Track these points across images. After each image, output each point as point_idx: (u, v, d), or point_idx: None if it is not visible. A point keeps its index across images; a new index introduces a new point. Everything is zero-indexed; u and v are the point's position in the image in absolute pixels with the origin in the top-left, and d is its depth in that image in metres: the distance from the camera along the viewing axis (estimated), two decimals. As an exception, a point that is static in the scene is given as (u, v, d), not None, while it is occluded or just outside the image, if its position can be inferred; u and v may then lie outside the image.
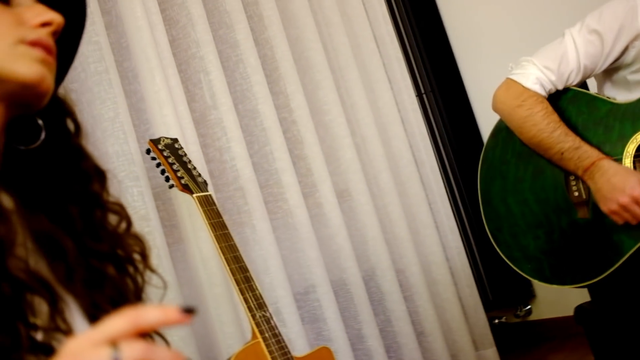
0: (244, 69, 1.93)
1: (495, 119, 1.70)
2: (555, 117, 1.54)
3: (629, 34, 1.50)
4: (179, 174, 1.43)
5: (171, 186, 1.45)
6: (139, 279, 0.77)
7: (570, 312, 2.43)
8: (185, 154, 1.49)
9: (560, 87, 1.58)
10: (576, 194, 1.52)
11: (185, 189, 1.42)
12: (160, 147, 1.46)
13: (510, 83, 1.61)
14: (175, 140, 1.51)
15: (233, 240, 1.38)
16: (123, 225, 0.78)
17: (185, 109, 1.70)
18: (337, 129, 2.12)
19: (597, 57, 1.54)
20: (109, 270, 0.73)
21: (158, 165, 1.46)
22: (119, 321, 0.49)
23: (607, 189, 1.43)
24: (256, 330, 1.30)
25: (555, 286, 1.53)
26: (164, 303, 0.59)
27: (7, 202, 0.67)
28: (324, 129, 2.12)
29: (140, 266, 0.77)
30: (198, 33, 1.82)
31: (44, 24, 0.70)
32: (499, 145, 1.66)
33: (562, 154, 1.50)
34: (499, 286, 2.62)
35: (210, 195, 1.42)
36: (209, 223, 1.36)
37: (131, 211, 1.00)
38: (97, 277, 0.71)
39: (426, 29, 2.70)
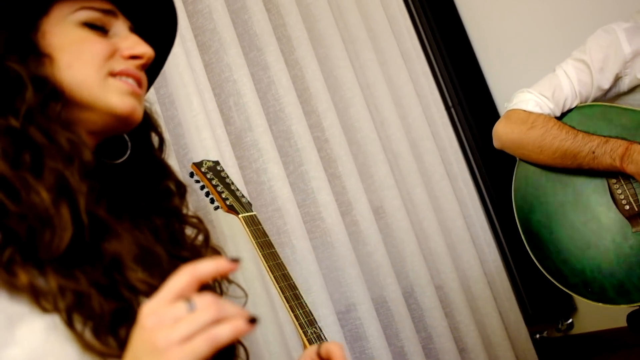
0: (276, 91, 2.01)
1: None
2: (570, 127, 1.60)
3: (615, 64, 1.61)
4: (223, 196, 1.51)
5: (216, 208, 1.52)
6: (218, 290, 0.86)
7: (614, 325, 2.47)
8: (228, 176, 1.57)
9: (558, 114, 1.65)
10: (627, 207, 1.53)
11: (231, 209, 1.49)
12: (203, 170, 1.55)
13: (510, 113, 1.69)
14: (217, 163, 1.59)
15: (280, 259, 1.45)
16: (200, 237, 0.87)
17: (223, 132, 1.78)
18: (370, 145, 2.19)
19: (588, 84, 1.64)
20: None
21: (202, 188, 1.54)
22: (182, 277, 0.59)
23: None
24: (309, 346, 1.37)
25: (623, 306, 1.52)
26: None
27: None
28: (356, 146, 2.20)
29: (219, 277, 0.86)
30: (230, 57, 1.91)
31: (135, 57, 0.79)
32: (530, 172, 1.68)
33: (594, 152, 1.54)
34: (538, 300, 2.66)
35: (255, 215, 1.50)
36: (256, 242, 1.44)
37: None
38: None
39: (451, 42, 2.78)
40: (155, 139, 0.89)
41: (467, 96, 2.75)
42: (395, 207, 2.19)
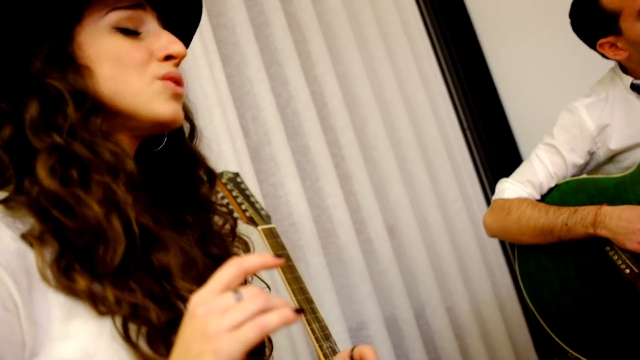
0: (295, 106, 2.05)
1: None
2: (542, 204, 1.69)
3: (583, 142, 1.70)
4: (243, 207, 1.54)
5: (235, 219, 1.55)
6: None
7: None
8: (247, 188, 1.60)
9: (538, 197, 1.73)
10: (627, 271, 1.58)
11: (250, 221, 1.52)
12: (223, 180, 1.57)
13: (492, 204, 1.79)
14: (237, 175, 1.62)
15: (298, 272, 1.47)
16: (227, 226, 0.89)
17: (243, 145, 1.82)
18: (386, 164, 2.22)
19: (561, 164, 1.72)
20: None
21: (222, 198, 1.57)
22: (230, 269, 0.62)
23: (623, 226, 1.53)
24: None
25: None
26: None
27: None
28: (372, 164, 2.23)
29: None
30: (251, 71, 1.95)
31: (170, 56, 0.81)
32: (530, 256, 1.75)
33: (566, 224, 1.61)
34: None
35: (274, 227, 1.52)
36: (274, 255, 1.46)
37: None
38: None
39: (468, 64, 2.82)
40: (186, 127, 0.90)
41: (483, 119, 2.79)
42: (409, 226, 2.21)
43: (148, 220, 0.74)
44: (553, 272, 1.70)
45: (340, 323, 1.84)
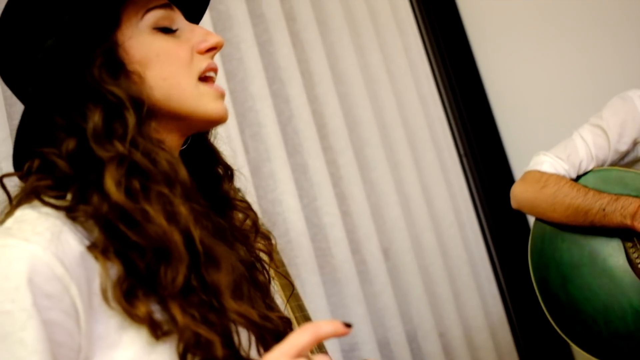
0: (296, 124, 2.08)
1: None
2: (581, 185, 1.68)
3: (632, 129, 1.69)
4: (244, 223, 1.56)
5: (236, 234, 1.57)
6: (267, 275, 0.89)
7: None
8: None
9: (574, 176, 1.73)
10: None
11: (251, 237, 1.54)
12: (225, 195, 1.60)
13: (525, 175, 1.78)
14: (239, 190, 1.65)
15: (297, 290, 1.50)
16: (249, 222, 0.90)
17: (243, 160, 1.84)
18: (384, 186, 2.26)
19: (605, 148, 1.71)
20: (259, 277, 0.86)
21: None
22: (305, 335, 0.64)
23: None
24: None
25: None
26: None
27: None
28: (370, 185, 2.27)
29: (267, 264, 0.89)
30: (255, 87, 1.98)
31: (210, 49, 0.83)
32: (547, 233, 1.75)
33: (604, 209, 1.60)
34: (538, 354, 2.69)
35: (275, 244, 1.55)
36: (274, 272, 1.48)
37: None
38: (253, 286, 0.83)
39: (467, 91, 2.87)
40: None
41: (480, 146, 2.83)
42: (404, 249, 2.24)
43: (203, 234, 0.73)
44: (566, 254, 1.70)
45: (333, 343, 1.86)
